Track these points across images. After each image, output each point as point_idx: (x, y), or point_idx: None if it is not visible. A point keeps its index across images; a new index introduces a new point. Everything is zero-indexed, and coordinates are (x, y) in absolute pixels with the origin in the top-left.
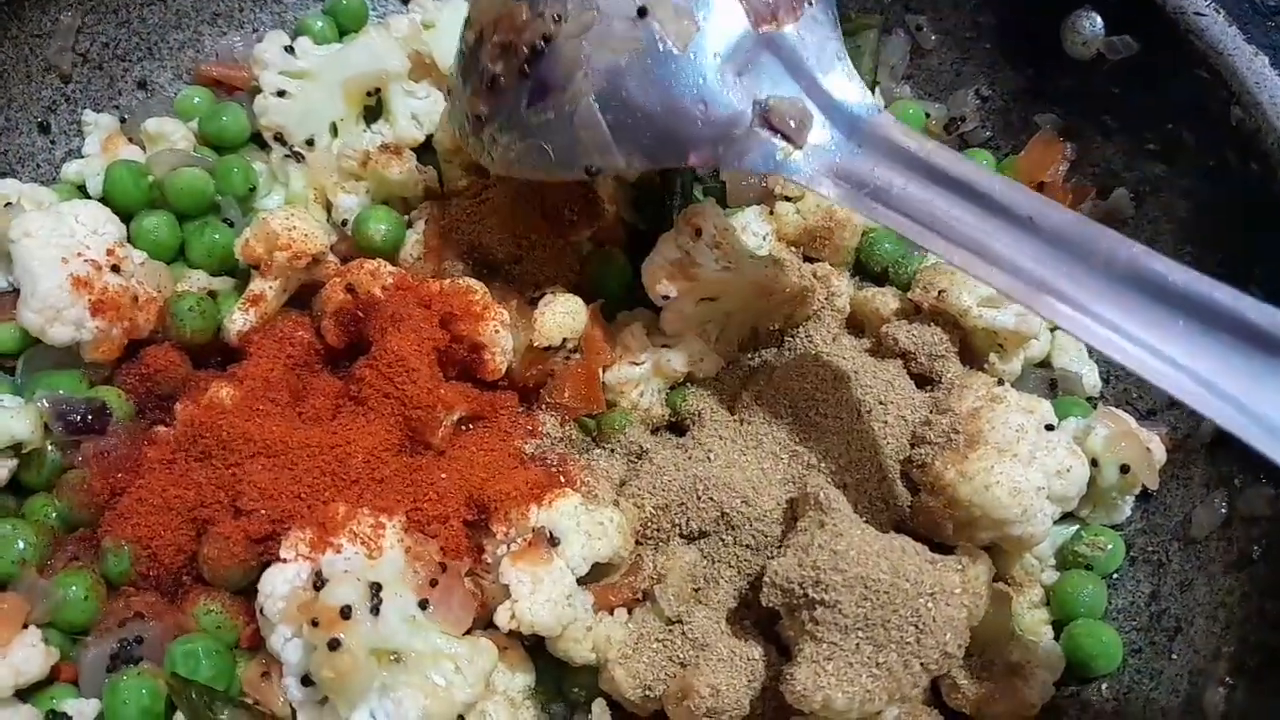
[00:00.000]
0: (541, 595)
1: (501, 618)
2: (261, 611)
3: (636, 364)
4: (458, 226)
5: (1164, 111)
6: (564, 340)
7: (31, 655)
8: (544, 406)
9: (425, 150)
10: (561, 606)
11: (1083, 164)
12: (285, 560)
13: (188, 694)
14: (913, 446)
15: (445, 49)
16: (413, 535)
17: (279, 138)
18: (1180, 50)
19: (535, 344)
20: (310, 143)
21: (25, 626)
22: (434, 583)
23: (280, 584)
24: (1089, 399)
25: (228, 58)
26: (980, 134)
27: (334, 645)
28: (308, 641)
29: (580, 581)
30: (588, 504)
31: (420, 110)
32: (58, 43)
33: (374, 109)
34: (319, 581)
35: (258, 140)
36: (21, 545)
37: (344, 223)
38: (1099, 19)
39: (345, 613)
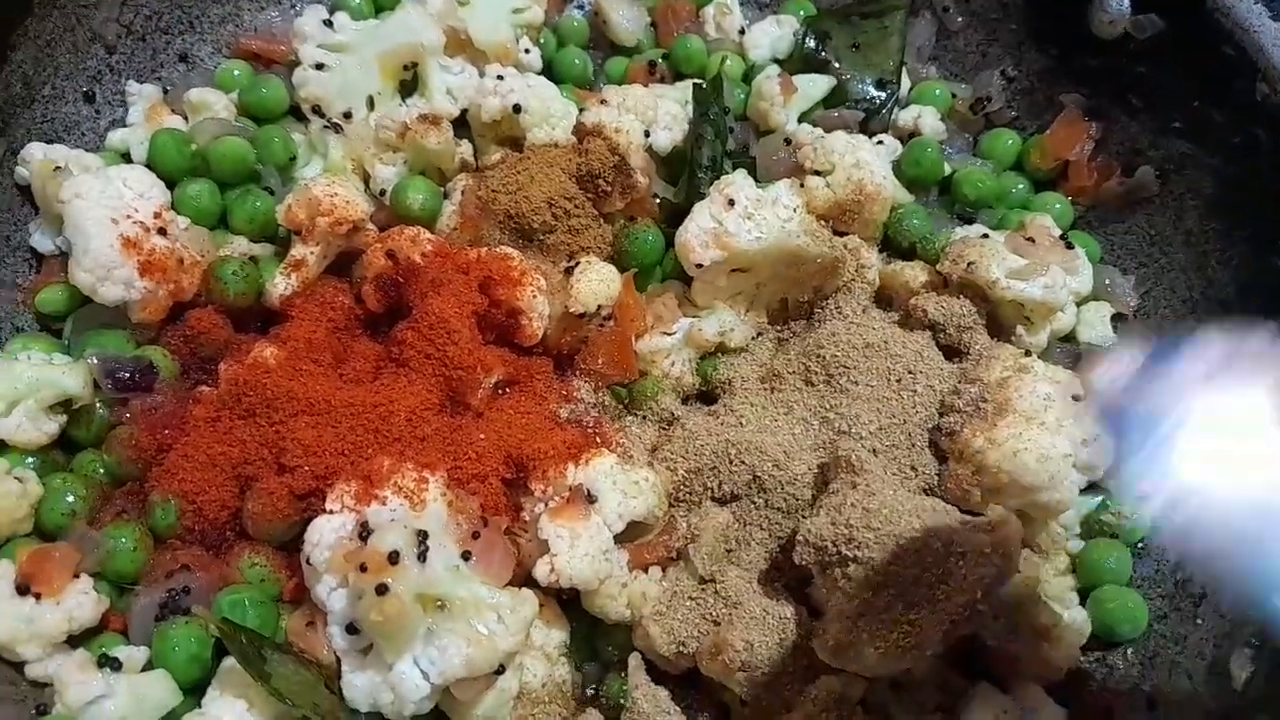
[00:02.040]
0: (580, 550)
1: (541, 571)
2: (308, 561)
3: (668, 333)
4: (494, 197)
5: (1190, 89)
6: (598, 307)
7: (84, 602)
8: (578, 373)
9: (459, 125)
10: (599, 561)
11: (1108, 142)
12: (331, 512)
13: (238, 639)
14: (941, 415)
15: (480, 25)
16: (454, 490)
17: (317, 109)
18: (1206, 28)
19: (570, 310)
20: (348, 115)
21: (76, 576)
22: (476, 535)
23: (327, 534)
24: None
25: (266, 32)
26: (1006, 114)
27: (382, 590)
28: (355, 588)
29: (616, 540)
30: (623, 464)
31: (455, 85)
32: (103, 14)
33: (409, 83)
34: (364, 532)
35: (295, 112)
36: (71, 498)
37: (381, 192)
38: None
39: (393, 558)
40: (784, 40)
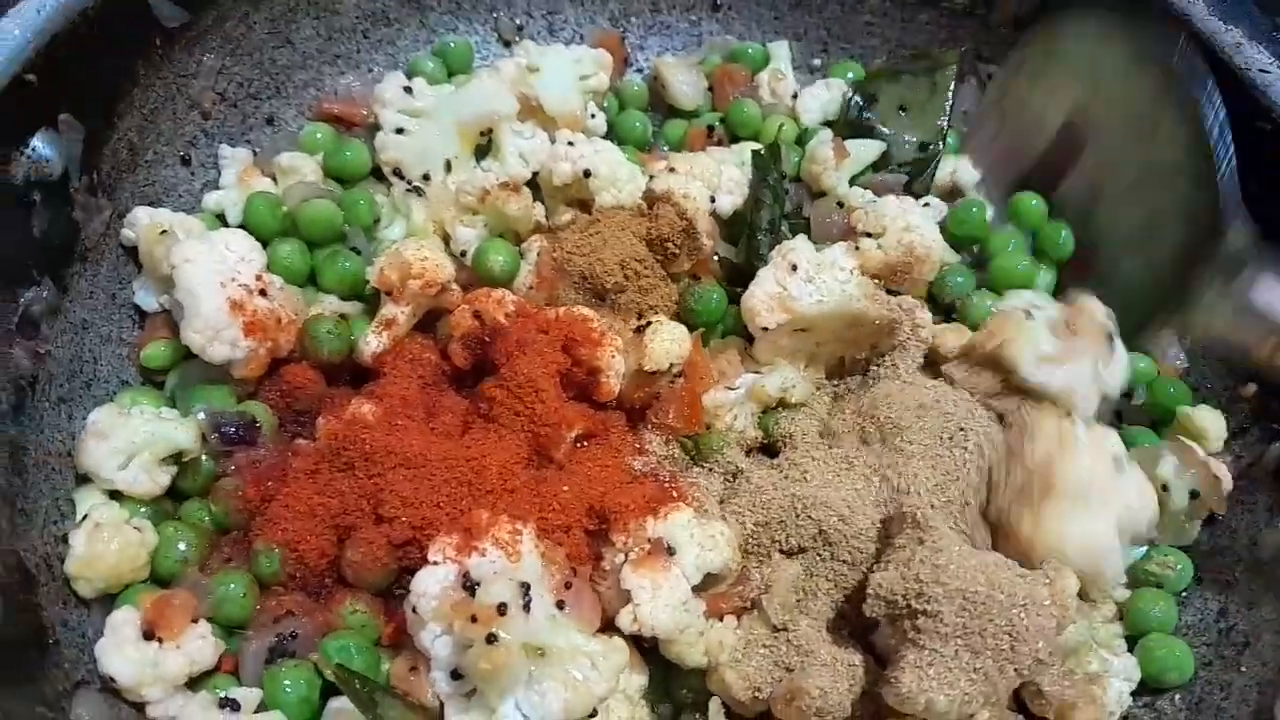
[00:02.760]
0: (661, 600)
1: (624, 620)
2: (414, 609)
3: (732, 388)
4: (569, 258)
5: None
6: (670, 365)
7: (203, 646)
8: (650, 426)
9: (530, 186)
10: (679, 612)
11: None
12: (435, 563)
13: (352, 683)
14: (990, 488)
15: (550, 93)
16: (543, 541)
17: (397, 172)
18: (1244, 105)
19: (645, 368)
20: (426, 177)
21: (194, 621)
22: (568, 585)
23: (432, 584)
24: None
25: (346, 96)
26: None
27: (491, 639)
28: (463, 637)
29: (693, 590)
30: (699, 517)
31: (527, 149)
32: (201, 82)
33: (484, 147)
34: (468, 582)
35: (377, 173)
36: (183, 546)
37: (462, 253)
38: None
39: (502, 610)
40: (834, 104)
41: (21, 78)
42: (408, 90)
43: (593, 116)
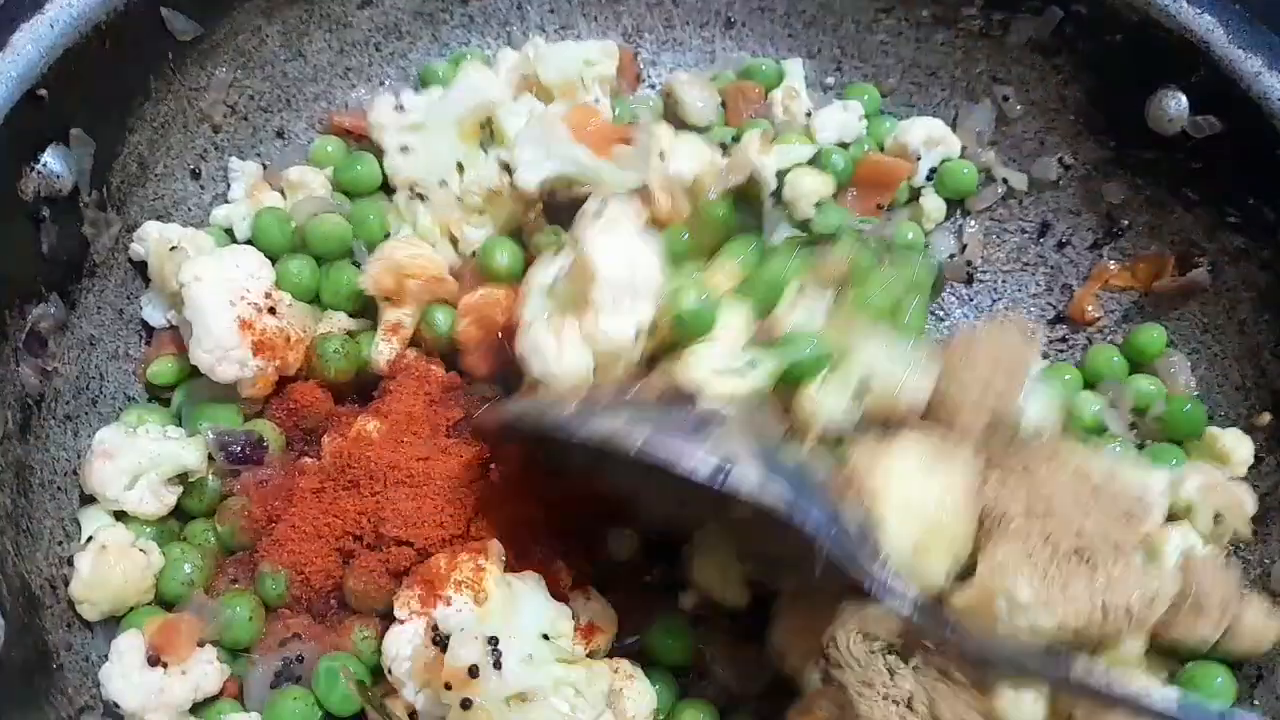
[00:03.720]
0: None
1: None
2: (389, 672)
3: None
4: None
5: (1245, 186)
6: None
7: (209, 672)
8: None
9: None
10: None
11: (1162, 232)
12: (401, 621)
13: (369, 694)
14: None
15: (548, 66)
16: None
17: (417, 192)
18: (1263, 131)
19: None
20: (444, 183)
21: (200, 645)
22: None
23: (402, 645)
24: None
25: (356, 109)
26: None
27: (466, 704)
28: (440, 700)
29: None
30: None
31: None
32: (212, 95)
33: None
34: (437, 637)
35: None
36: (189, 568)
37: (473, 254)
38: (1184, 99)
39: (473, 671)
40: (850, 126)
41: (34, 93)
42: (399, 109)
43: (596, 101)
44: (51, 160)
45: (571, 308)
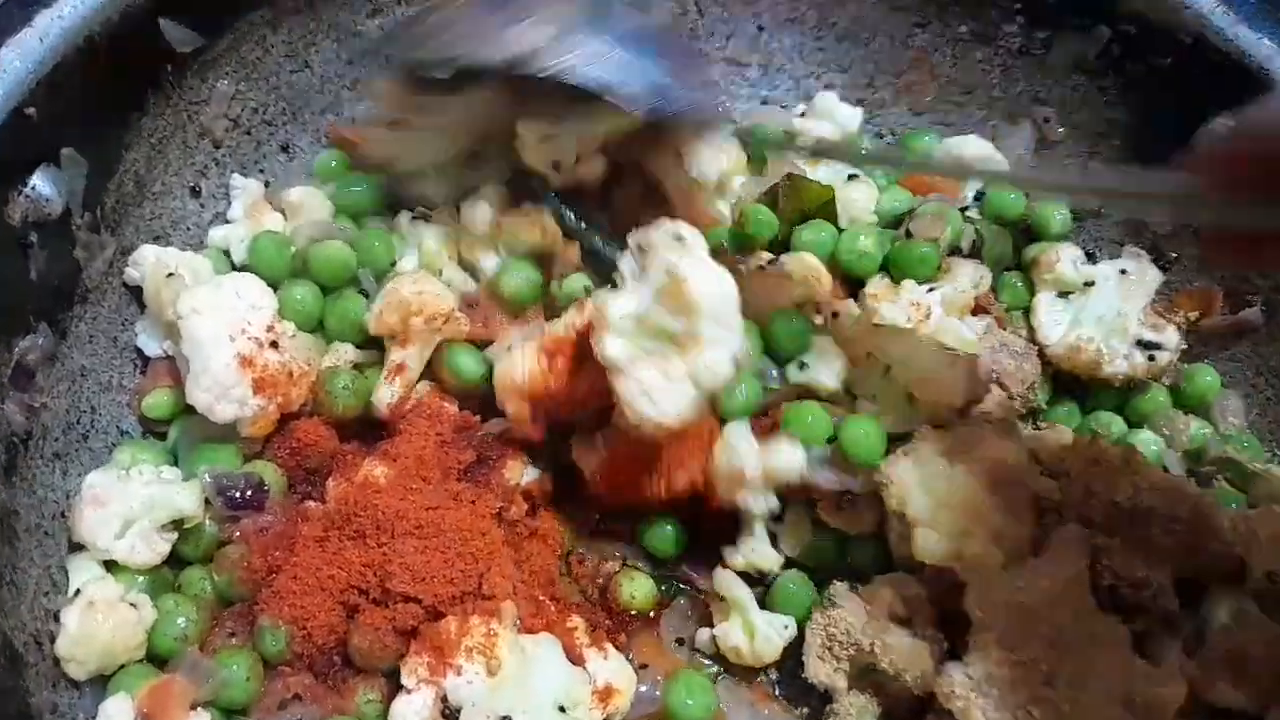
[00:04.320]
0: None
1: None
2: None
3: None
4: None
5: None
6: None
7: None
8: None
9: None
10: None
11: (1214, 268)
12: (409, 690)
13: None
14: None
15: None
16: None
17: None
18: None
19: None
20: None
21: (193, 708)
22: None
23: (410, 717)
24: None
25: (363, 122)
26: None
27: None
28: None
29: None
30: None
31: None
32: (213, 109)
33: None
34: (447, 710)
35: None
36: (182, 621)
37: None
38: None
39: None
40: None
41: (21, 111)
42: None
43: None
44: (40, 183)
45: (669, 343)
